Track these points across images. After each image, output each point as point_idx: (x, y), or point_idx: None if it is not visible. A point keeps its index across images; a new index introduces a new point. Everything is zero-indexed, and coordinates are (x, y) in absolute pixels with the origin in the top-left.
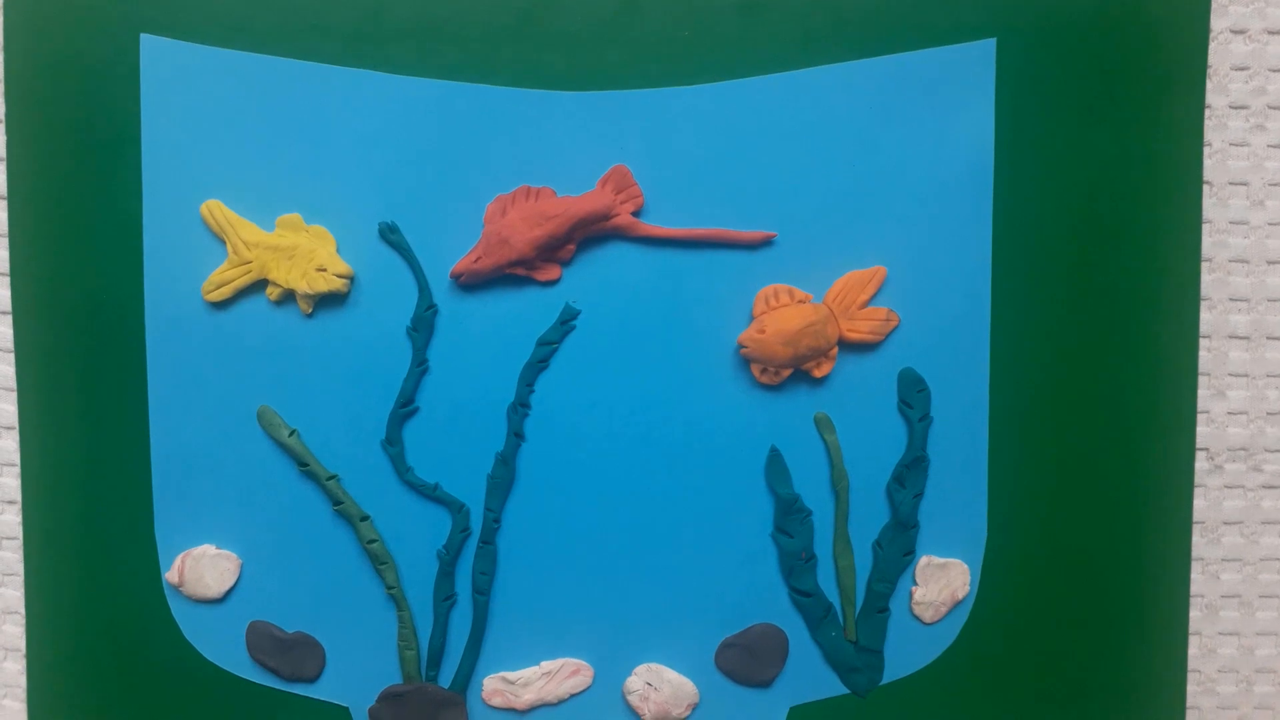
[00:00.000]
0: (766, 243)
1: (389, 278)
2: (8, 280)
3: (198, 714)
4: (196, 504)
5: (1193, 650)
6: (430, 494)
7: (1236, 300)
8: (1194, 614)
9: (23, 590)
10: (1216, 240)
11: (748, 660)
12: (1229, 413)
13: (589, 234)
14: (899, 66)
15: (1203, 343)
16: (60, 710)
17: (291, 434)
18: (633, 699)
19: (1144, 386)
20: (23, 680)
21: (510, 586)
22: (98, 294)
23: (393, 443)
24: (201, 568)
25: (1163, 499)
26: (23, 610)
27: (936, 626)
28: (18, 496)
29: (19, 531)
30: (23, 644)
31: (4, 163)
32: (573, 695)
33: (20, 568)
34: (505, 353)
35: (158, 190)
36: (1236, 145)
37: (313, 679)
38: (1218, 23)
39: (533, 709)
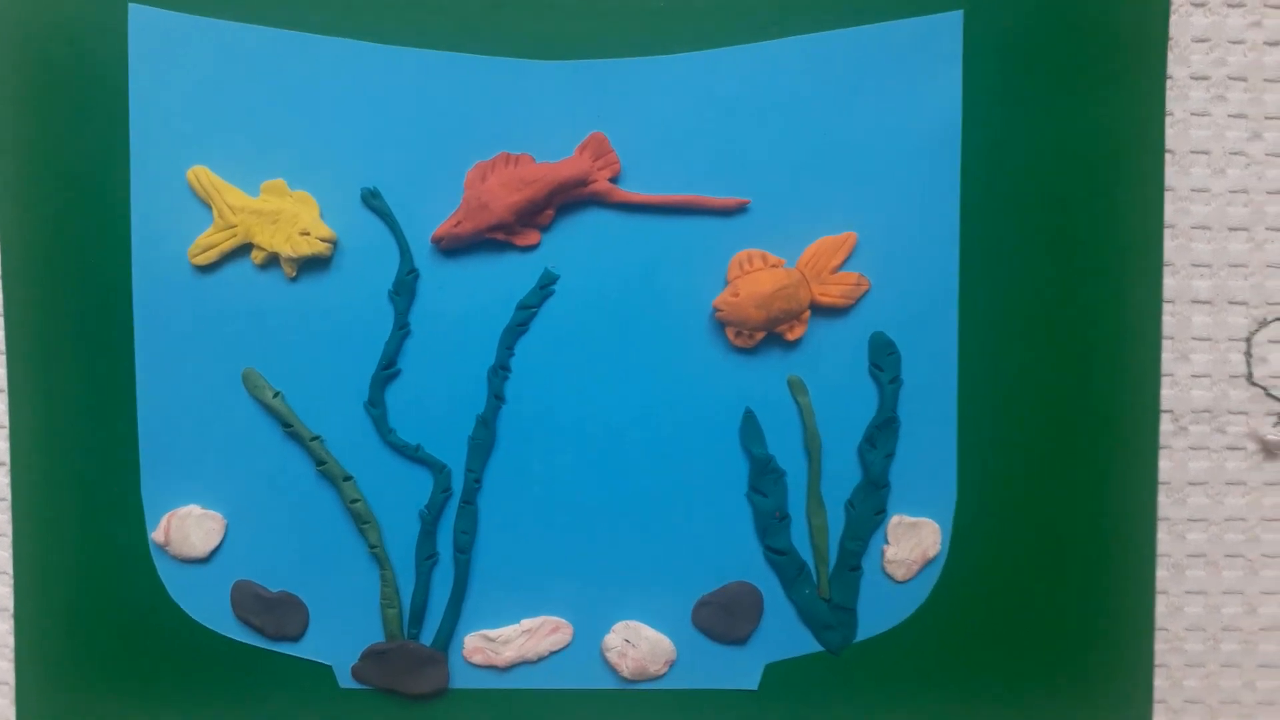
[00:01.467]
0: (740, 209)
1: (371, 242)
2: None
3: (183, 672)
4: (182, 465)
5: (1160, 609)
6: (412, 455)
7: (1199, 266)
8: (1161, 573)
9: (10, 551)
10: (1179, 207)
11: (724, 618)
12: (1193, 375)
13: (567, 200)
14: (870, 37)
15: (1166, 307)
16: (48, 669)
17: (276, 396)
18: (611, 656)
19: (1109, 350)
20: (11, 640)
21: (491, 546)
22: (86, 257)
23: (375, 404)
24: (187, 527)
25: (1129, 460)
26: (11, 570)
27: (908, 585)
28: (6, 458)
29: (8, 493)
30: (11, 604)
31: None
32: (552, 652)
33: (9, 529)
34: (485, 316)
35: (145, 156)
36: (1198, 115)
37: (296, 637)
38: None
39: (513, 666)
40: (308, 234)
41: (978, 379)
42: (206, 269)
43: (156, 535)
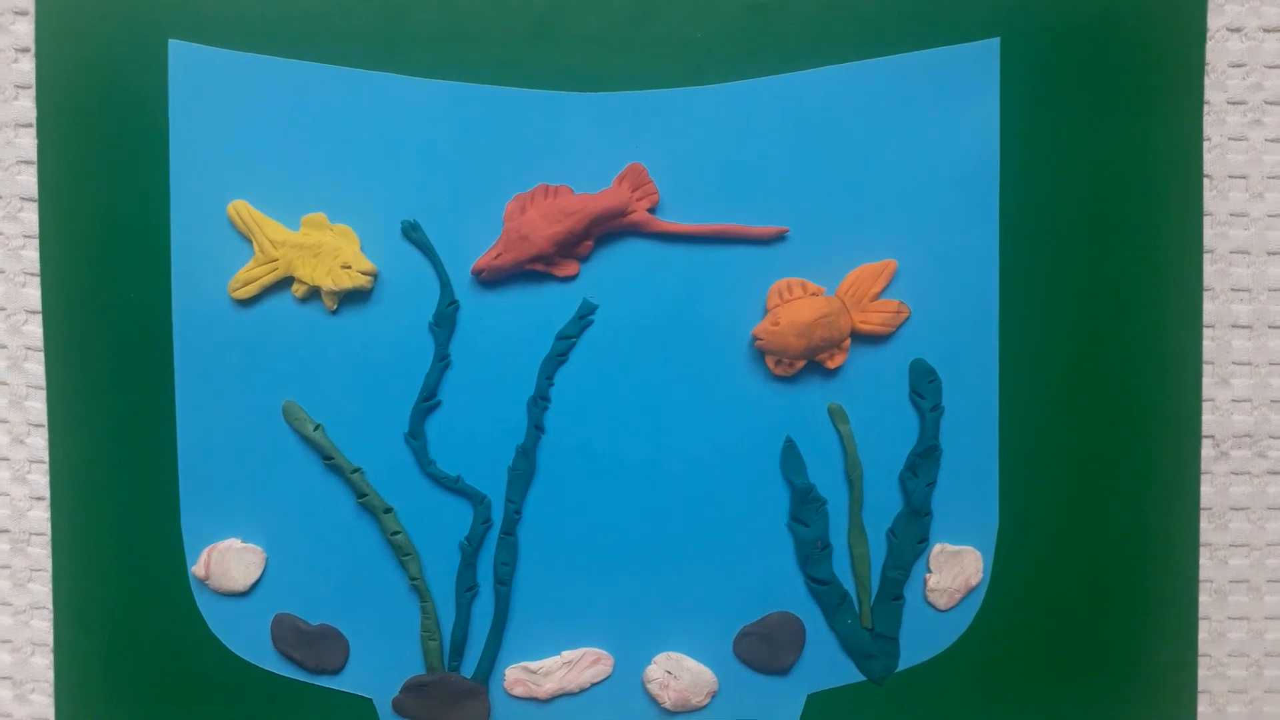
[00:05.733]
0: (779, 238)
1: (411, 275)
2: (38, 280)
3: (223, 706)
4: (222, 498)
5: (1203, 635)
6: (452, 486)
7: (1238, 290)
8: (1203, 599)
9: (51, 586)
10: (1218, 232)
11: (766, 648)
12: (1233, 400)
13: (606, 230)
14: (906, 65)
15: (1206, 332)
16: (87, 704)
17: (316, 428)
18: (653, 687)
19: (1150, 376)
20: (50, 674)
21: (531, 577)
22: (126, 293)
23: (416, 436)
24: (227, 561)
25: (1170, 486)
26: (51, 605)
27: (951, 613)
28: (47, 493)
29: (48, 528)
30: (50, 639)
31: (35, 166)
32: (593, 684)
33: (49, 563)
34: (525, 347)
35: (185, 191)
36: (1235, 140)
37: (337, 671)
38: (1214, 21)
39: (554, 698)
40: (349, 267)
41: (1019, 406)
42: (247, 303)
43: (196, 569)
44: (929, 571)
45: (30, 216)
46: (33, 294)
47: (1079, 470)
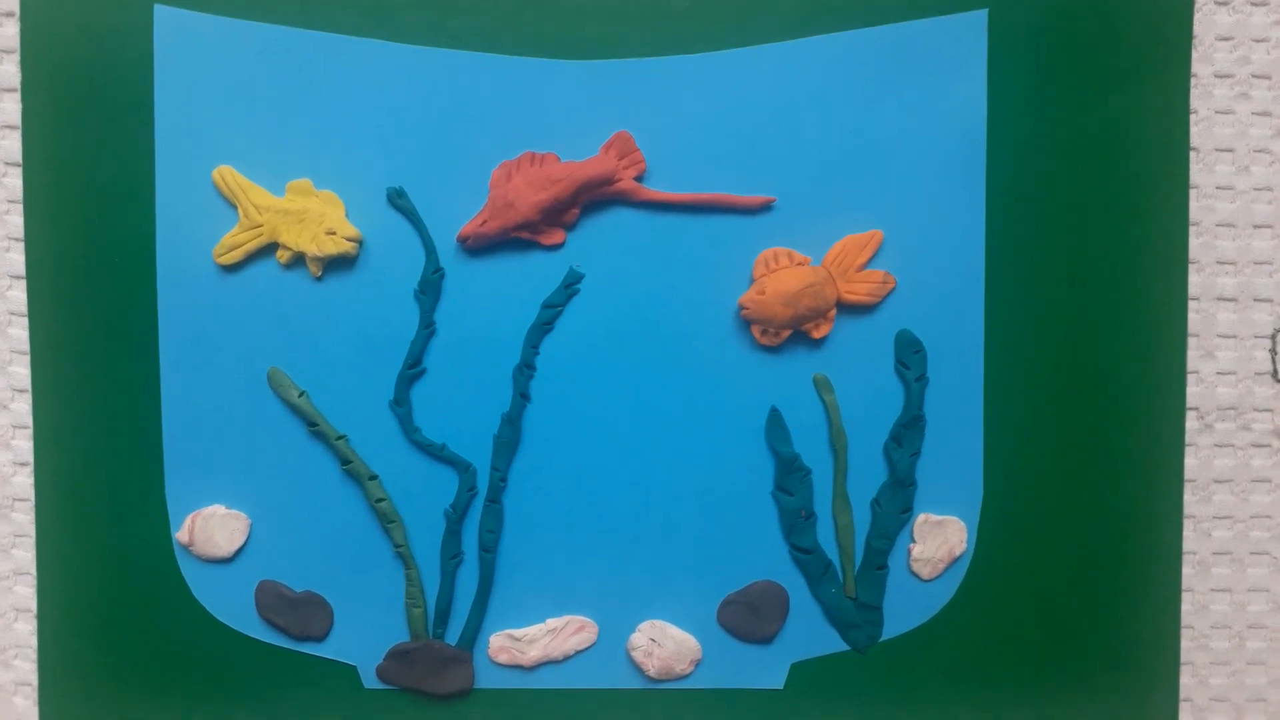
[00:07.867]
0: (766, 207)
1: (397, 241)
2: (23, 245)
3: (206, 673)
4: (207, 464)
5: (1186, 606)
6: (438, 454)
7: (1224, 263)
8: (1186, 571)
9: (34, 551)
10: (1203, 205)
11: (749, 617)
12: (1218, 373)
13: (592, 198)
14: (896, 36)
15: (1191, 305)
16: (70, 670)
17: (301, 395)
18: (636, 655)
19: (1135, 348)
20: (34, 640)
21: (516, 545)
22: (111, 257)
23: (401, 403)
24: (211, 527)
25: (1154, 458)
26: (34, 571)
27: (934, 583)
28: (30, 459)
29: (32, 494)
30: (34, 604)
31: (19, 131)
32: (578, 652)
33: (32, 529)
34: (511, 315)
35: (170, 156)
36: (1222, 113)
37: (321, 637)
38: None
39: (538, 665)
40: (333, 233)
41: (1003, 377)
42: (232, 268)
43: (181, 535)
44: (913, 541)
45: (15, 182)
46: (16, 259)
47: (1063, 442)
